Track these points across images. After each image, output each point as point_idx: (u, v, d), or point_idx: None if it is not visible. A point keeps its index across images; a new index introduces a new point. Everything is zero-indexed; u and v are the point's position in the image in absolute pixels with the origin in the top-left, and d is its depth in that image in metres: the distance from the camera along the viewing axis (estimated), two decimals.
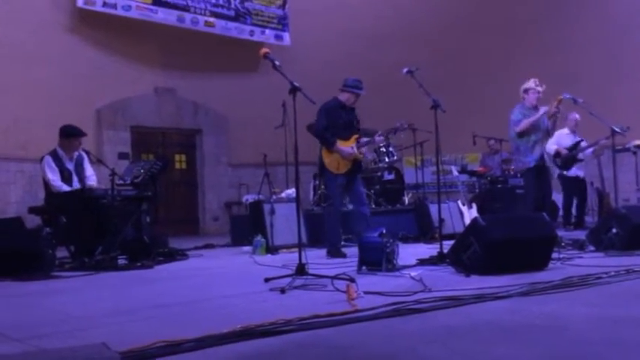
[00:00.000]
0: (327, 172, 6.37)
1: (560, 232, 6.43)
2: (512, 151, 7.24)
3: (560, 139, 9.06)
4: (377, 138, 6.45)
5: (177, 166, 12.50)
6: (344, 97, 6.30)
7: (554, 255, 4.79)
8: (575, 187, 9.09)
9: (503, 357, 2.28)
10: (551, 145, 8.93)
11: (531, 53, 11.90)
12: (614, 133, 7.34)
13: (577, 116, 8.87)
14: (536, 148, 6.82)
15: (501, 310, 3.12)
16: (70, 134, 6.54)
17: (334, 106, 6.30)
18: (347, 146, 6.23)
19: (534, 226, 4.71)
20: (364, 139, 6.34)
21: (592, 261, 4.93)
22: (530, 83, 6.88)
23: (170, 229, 9.62)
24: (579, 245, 5.87)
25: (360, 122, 6.56)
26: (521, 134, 6.79)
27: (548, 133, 7.10)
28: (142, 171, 6.49)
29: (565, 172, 9.08)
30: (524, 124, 6.74)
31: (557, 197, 9.02)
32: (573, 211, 9.09)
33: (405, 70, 5.58)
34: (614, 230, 5.55)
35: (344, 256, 6.09)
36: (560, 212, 9.23)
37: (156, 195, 6.67)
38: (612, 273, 4.13)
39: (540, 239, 4.65)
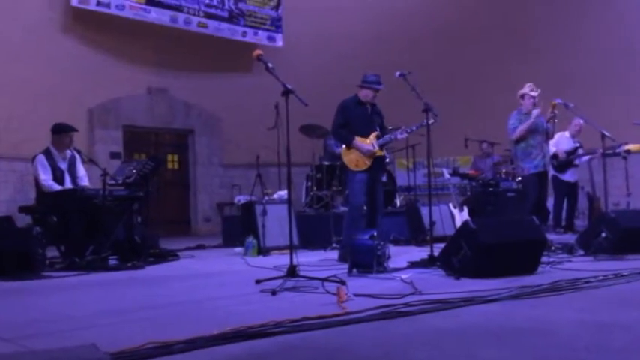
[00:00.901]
0: (346, 169, 6.35)
1: (550, 236, 6.46)
2: (513, 156, 7.24)
3: (560, 142, 9.07)
4: (399, 135, 6.27)
5: (170, 166, 12.48)
6: (362, 93, 6.21)
7: (544, 259, 4.82)
8: (567, 191, 9.13)
9: None
10: (551, 147, 8.93)
11: (524, 57, 11.95)
12: (604, 137, 7.38)
13: (581, 122, 8.77)
14: (535, 153, 6.79)
15: (491, 313, 3.15)
16: (60, 130, 6.53)
17: (351, 104, 6.25)
18: (366, 143, 6.17)
19: (524, 229, 4.74)
20: (387, 137, 6.21)
21: (581, 265, 4.96)
22: (525, 89, 6.86)
23: (162, 229, 9.60)
24: (568, 249, 5.90)
25: (384, 118, 6.40)
26: (518, 140, 6.80)
27: (548, 136, 7.09)
28: (133, 171, 6.48)
29: (559, 176, 9.12)
30: (520, 130, 6.73)
31: (548, 200, 9.05)
32: (563, 214, 9.13)
33: (398, 73, 5.59)
34: (603, 234, 5.59)
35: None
36: (551, 216, 9.27)
37: (147, 195, 6.66)
38: (600, 277, 4.16)
39: (530, 243, 4.67)
